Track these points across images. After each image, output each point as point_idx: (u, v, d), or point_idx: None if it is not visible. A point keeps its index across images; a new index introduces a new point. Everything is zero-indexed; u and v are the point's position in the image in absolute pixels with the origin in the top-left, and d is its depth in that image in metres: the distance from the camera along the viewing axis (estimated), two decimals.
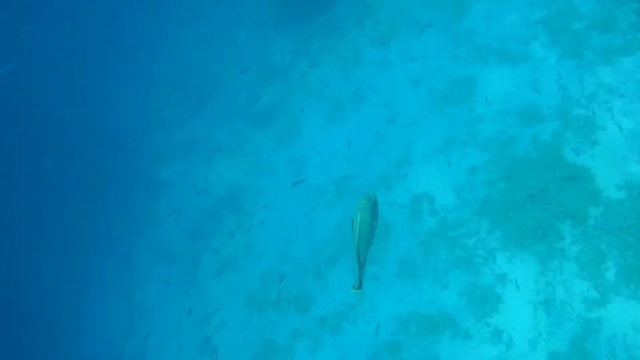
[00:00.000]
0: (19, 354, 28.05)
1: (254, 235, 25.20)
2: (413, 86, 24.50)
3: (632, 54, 20.48)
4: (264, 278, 23.97)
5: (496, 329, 18.39)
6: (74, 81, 31.98)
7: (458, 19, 25.02)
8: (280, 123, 26.51)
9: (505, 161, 20.53)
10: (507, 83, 22.33)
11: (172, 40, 33.26)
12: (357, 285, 7.98)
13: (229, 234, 25.73)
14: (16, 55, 31.45)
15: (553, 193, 18.58)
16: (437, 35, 25.24)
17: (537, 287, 18.35)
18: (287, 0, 29.33)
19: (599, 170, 18.66)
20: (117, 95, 32.20)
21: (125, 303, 27.78)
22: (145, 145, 29.83)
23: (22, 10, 32.70)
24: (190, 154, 28.29)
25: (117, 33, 33.82)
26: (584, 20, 22.37)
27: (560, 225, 18.50)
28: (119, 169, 29.26)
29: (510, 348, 18.08)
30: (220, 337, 24.09)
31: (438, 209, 21.21)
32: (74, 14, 33.60)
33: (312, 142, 25.50)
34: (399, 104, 24.32)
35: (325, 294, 22.24)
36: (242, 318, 23.60)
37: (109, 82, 32.25)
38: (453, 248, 20.17)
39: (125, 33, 34.01)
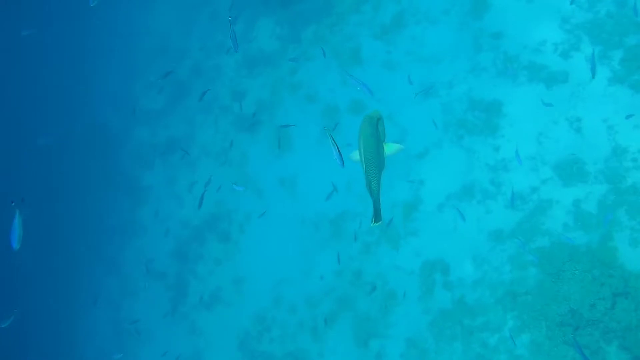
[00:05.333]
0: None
1: (241, 267, 19.84)
2: (424, 99, 17.79)
3: None
4: (256, 321, 18.94)
5: None
6: (52, 68, 25.16)
7: (478, 12, 17.73)
8: (269, 129, 20.19)
9: (539, 237, 14.61)
10: (542, 115, 15.73)
11: (151, 7, 25.80)
12: (374, 218, 6.17)
13: (216, 262, 20.37)
14: None
15: (600, 314, 12.79)
16: (452, 32, 18.08)
17: None
18: None
19: None
20: (96, 78, 25.40)
21: (115, 316, 23.09)
22: (125, 142, 23.71)
23: None
24: (172, 155, 22.11)
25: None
26: None
27: (606, 348, 12.92)
28: (101, 169, 23.49)
29: None
30: None
31: (453, 282, 15.73)
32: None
33: (304, 159, 19.40)
34: (406, 122, 18.00)
35: None
36: None
37: (86, 63, 25.35)
38: (470, 341, 14.85)
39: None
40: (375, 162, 6.25)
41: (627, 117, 14.07)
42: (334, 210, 18.39)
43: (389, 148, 6.50)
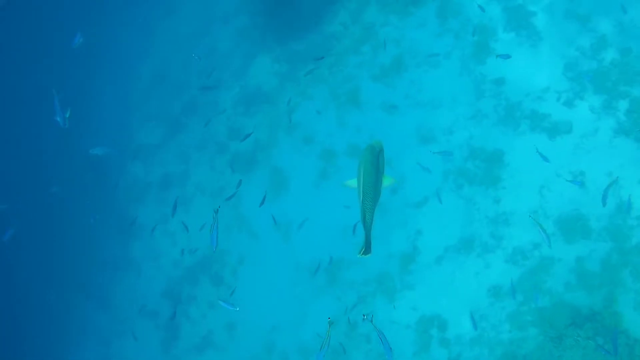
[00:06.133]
0: None
1: (234, 312, 19.04)
2: (422, 144, 17.29)
3: None
4: None
5: None
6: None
7: (480, 57, 17.19)
8: (264, 170, 19.61)
9: (540, 296, 13.88)
10: (545, 167, 15.13)
11: (149, 35, 25.38)
12: (363, 250, 5.99)
13: (209, 305, 19.71)
14: None
15: None
16: (452, 76, 17.52)
17: None
18: (269, 6, 21.25)
19: None
20: (93, 107, 24.89)
21: (105, 352, 22.40)
22: (119, 177, 23.09)
23: None
24: (166, 192, 21.54)
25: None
26: None
27: None
28: (93, 203, 22.73)
29: None
30: None
31: (451, 339, 15.02)
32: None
33: (300, 202, 18.77)
34: (405, 168, 17.31)
35: None
36: None
37: (83, 93, 24.82)
38: None
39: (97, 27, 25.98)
40: (372, 194, 6.21)
41: None
42: (329, 257, 17.73)
43: (385, 180, 6.49)
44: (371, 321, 6.90)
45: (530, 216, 14.36)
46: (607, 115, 15.35)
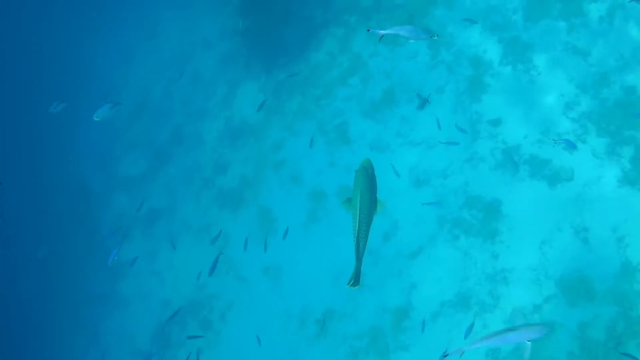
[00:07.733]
0: None
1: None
2: (415, 188, 16.20)
3: None
4: None
5: None
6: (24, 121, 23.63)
7: (475, 93, 16.01)
8: (252, 209, 18.56)
9: None
10: (545, 219, 14.09)
11: (128, 62, 24.11)
12: (352, 280, 5.72)
13: (198, 350, 18.80)
14: None
15: None
16: (446, 114, 16.34)
17: None
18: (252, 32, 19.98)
19: None
20: (74, 135, 23.81)
21: None
22: (104, 209, 22.07)
23: None
24: (152, 228, 20.54)
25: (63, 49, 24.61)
26: None
27: None
28: (78, 237, 21.85)
29: None
30: None
31: None
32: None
33: (289, 246, 17.68)
34: (398, 213, 16.25)
35: None
36: None
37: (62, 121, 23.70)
38: None
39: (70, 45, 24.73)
40: (367, 220, 5.94)
41: None
42: (321, 306, 16.80)
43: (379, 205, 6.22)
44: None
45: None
46: (611, 162, 14.16)
